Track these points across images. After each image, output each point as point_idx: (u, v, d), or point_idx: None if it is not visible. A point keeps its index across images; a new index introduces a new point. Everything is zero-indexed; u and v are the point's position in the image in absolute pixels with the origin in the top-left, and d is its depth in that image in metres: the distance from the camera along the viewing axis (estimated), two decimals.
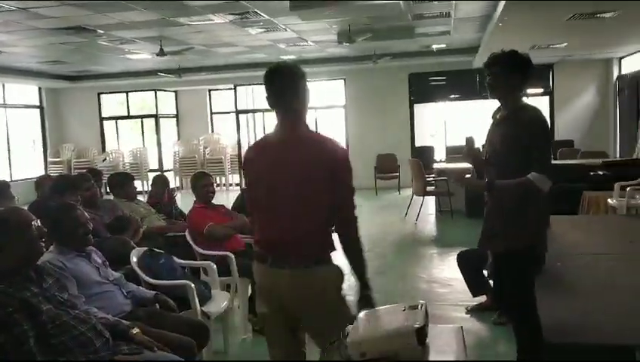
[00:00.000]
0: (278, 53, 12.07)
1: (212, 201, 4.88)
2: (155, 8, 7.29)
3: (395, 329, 1.89)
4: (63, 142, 15.51)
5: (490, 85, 3.22)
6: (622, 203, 7.11)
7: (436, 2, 7.52)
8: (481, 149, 3.48)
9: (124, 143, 15.73)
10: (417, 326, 1.85)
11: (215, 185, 9.97)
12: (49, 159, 15.23)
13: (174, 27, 8.58)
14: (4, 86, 13.87)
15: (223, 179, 14.93)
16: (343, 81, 14.17)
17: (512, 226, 3.10)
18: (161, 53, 9.59)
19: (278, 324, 2.43)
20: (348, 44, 9.21)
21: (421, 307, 2.01)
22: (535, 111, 3.19)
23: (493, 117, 3.41)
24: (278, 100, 2.41)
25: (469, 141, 3.38)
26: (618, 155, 11.82)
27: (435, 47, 11.89)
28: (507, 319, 4.03)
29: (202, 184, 4.81)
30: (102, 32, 8.66)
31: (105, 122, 15.82)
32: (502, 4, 6.42)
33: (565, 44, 10.23)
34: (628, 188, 7.10)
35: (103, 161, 15.00)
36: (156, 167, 15.22)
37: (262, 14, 7.87)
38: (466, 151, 3.38)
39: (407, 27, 9.37)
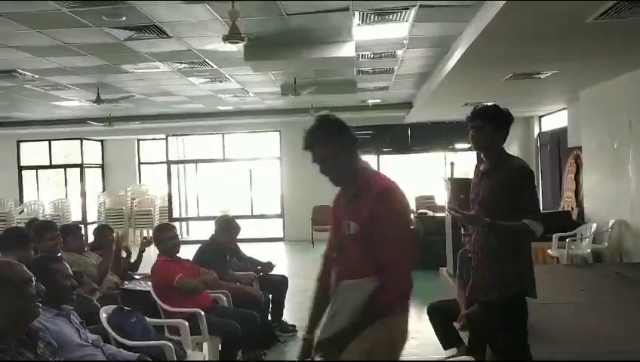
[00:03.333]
0: (216, 104, 11.96)
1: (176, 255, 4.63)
2: (101, 54, 7.03)
3: None
4: None
5: (474, 138, 3.29)
6: (562, 252, 7.44)
7: (385, 58, 7.74)
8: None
9: (44, 194, 14.83)
10: None
11: (143, 238, 9.61)
12: None
13: (117, 74, 8.31)
14: None
15: (151, 232, 14.32)
16: (278, 133, 14.18)
17: (507, 273, 3.13)
18: (99, 100, 9.22)
19: None
20: (292, 96, 9.26)
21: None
22: (520, 162, 3.30)
23: (476, 168, 3.49)
24: None
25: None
26: (541, 207, 12.45)
27: (370, 101, 12.20)
28: None
29: (167, 236, 4.57)
30: (36, 76, 8.23)
31: (24, 171, 14.90)
32: (453, 63, 6.70)
33: (494, 102, 10.81)
34: (567, 239, 7.46)
35: (20, 213, 14.06)
36: (79, 218, 14.42)
37: (211, 64, 7.79)
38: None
39: (350, 82, 9.58)
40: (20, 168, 14.88)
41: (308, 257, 11.54)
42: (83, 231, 5.29)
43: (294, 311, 6.80)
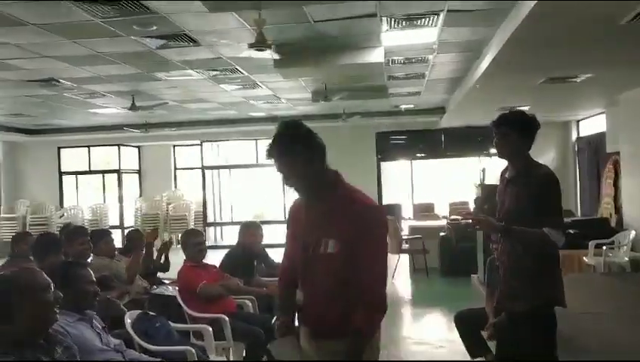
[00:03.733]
0: (249, 110, 12.08)
1: (202, 261, 4.68)
2: (135, 62, 7.18)
3: None
4: (18, 198, 14.86)
5: (499, 145, 3.23)
6: (599, 261, 7.23)
7: (415, 63, 7.69)
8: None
9: (83, 199, 15.22)
10: None
11: (176, 242, 9.77)
12: (2, 215, 14.52)
13: (150, 82, 8.47)
14: None
15: None
16: None
17: (534, 281, 3.06)
18: (134, 107, 9.42)
19: None
20: (323, 102, 9.28)
21: None
22: (545, 169, 3.22)
23: (502, 175, 3.43)
24: None
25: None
26: (579, 214, 12.15)
27: (403, 107, 12.13)
28: None
29: (194, 242, 4.62)
30: (74, 85, 8.46)
31: (64, 177, 15.31)
32: (484, 66, 6.61)
33: (529, 106, 10.62)
34: (604, 247, 7.25)
35: (60, 217, 14.42)
36: (117, 223, 14.74)
37: (242, 71, 7.87)
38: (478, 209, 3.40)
39: (381, 87, 9.54)
40: (61, 174, 15.29)
41: None
42: (119, 236, 5.41)
43: None
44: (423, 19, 5.68)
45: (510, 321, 3.35)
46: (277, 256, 6.34)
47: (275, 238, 14.36)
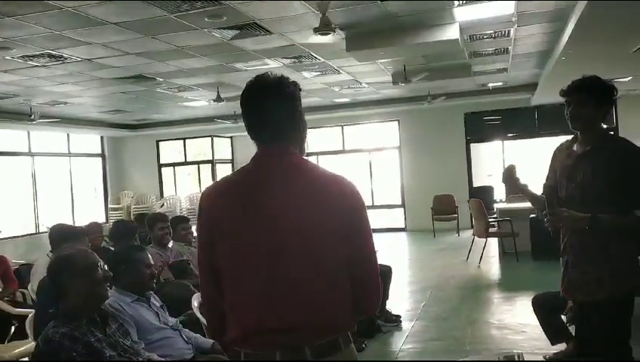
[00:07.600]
0: (333, 97, 12.12)
1: None
2: (213, 54, 7.42)
3: None
4: (123, 189, 15.91)
5: (573, 115, 2.89)
6: None
7: (497, 38, 7.36)
8: (520, 179, 3.21)
9: (181, 189, 16.00)
10: None
11: None
12: (109, 206, 15.61)
13: (231, 73, 8.72)
14: (68, 136, 14.41)
15: None
16: (396, 122, 14.05)
17: (612, 271, 2.73)
18: (219, 99, 9.74)
19: None
20: (403, 84, 9.12)
21: (518, 358, 1.79)
22: (627, 142, 2.86)
23: (562, 150, 3.08)
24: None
25: (510, 169, 3.16)
26: None
27: (491, 85, 11.67)
28: None
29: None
30: (161, 79, 8.89)
31: (163, 168, 16.17)
32: (567, 36, 6.21)
33: (630, 77, 9.85)
34: None
35: (161, 206, 15.26)
36: None
37: (317, 57, 7.90)
38: (506, 178, 3.16)
39: (463, 65, 9.22)
40: (160, 166, 16.17)
41: (425, 249, 11.37)
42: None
43: (402, 301, 6.73)
44: None
45: (582, 310, 3.00)
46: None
47: None
